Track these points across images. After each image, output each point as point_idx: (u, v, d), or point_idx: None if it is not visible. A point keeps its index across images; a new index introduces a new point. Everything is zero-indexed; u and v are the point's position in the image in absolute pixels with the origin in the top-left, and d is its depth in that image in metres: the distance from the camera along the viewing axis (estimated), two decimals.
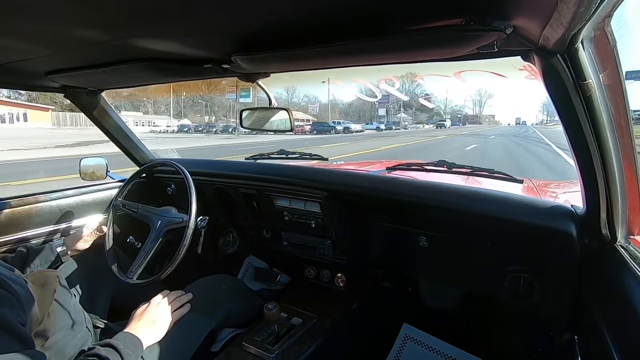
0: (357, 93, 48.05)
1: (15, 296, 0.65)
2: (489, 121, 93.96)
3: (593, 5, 0.40)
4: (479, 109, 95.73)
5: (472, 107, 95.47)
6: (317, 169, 1.46)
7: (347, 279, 1.38)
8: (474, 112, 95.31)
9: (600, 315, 0.70)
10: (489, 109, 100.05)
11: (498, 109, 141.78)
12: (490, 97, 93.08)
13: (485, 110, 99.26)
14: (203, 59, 0.84)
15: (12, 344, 0.58)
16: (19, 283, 0.69)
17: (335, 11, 0.55)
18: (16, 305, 0.65)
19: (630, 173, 0.67)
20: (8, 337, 0.58)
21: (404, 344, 1.31)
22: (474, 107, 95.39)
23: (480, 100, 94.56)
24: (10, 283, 0.66)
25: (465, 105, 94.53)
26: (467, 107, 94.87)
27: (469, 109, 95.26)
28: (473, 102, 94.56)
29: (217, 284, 1.19)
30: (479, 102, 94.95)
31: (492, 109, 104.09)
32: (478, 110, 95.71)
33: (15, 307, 0.64)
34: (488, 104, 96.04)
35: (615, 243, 0.75)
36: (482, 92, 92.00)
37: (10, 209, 1.23)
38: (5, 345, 0.56)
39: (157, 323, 0.92)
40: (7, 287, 0.65)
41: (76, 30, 0.62)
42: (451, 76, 1.59)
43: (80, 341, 0.86)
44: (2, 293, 0.63)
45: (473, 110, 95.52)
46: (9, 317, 0.60)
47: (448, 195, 1.04)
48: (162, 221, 1.19)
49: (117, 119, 1.48)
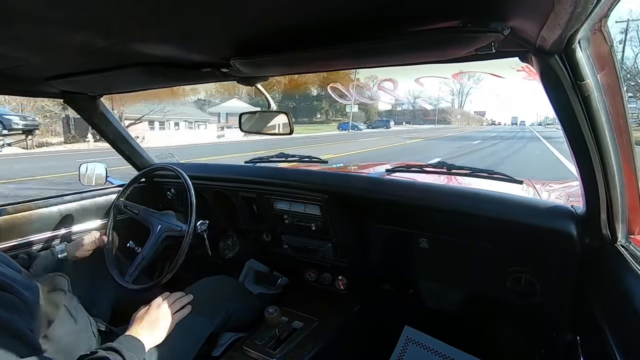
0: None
1: (25, 303, 0.66)
2: (469, 119, 75.18)
3: (589, 5, 0.40)
4: (462, 101, 75.53)
5: (451, 101, 75.31)
6: (316, 171, 1.46)
7: (348, 282, 1.38)
8: (455, 106, 74.71)
9: (602, 314, 0.70)
10: (478, 104, 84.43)
11: (486, 103, 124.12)
12: (478, 83, 66.80)
13: (469, 104, 79.53)
14: (202, 63, 0.84)
15: (22, 350, 0.58)
16: (30, 288, 0.70)
17: (333, 14, 0.55)
18: (25, 312, 0.65)
19: (629, 172, 0.67)
20: (18, 343, 0.58)
21: (406, 347, 1.30)
22: (452, 100, 75.45)
23: (461, 91, 73.19)
24: (21, 289, 0.66)
25: (442, 98, 72.87)
26: (444, 100, 73.84)
27: (447, 102, 74.15)
28: (452, 93, 74.31)
29: (218, 285, 1.18)
30: (460, 95, 74.46)
31: (481, 103, 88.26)
32: (458, 103, 75.26)
33: (24, 314, 0.65)
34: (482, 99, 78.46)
35: (616, 242, 0.75)
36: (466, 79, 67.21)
37: (11, 214, 1.23)
38: (15, 351, 0.57)
39: (158, 325, 0.91)
40: (17, 293, 0.65)
41: (76, 35, 0.62)
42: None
43: (86, 345, 0.86)
44: (12, 299, 0.63)
45: (452, 104, 74.97)
46: (19, 324, 0.60)
47: (448, 196, 1.04)
48: (162, 226, 1.19)
49: (117, 123, 1.48)
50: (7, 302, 0.62)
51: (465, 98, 76.98)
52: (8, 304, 0.62)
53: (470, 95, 77.68)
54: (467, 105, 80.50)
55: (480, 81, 55.71)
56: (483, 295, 1.19)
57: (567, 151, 0.71)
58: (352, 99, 36.75)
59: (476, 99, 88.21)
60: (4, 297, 0.62)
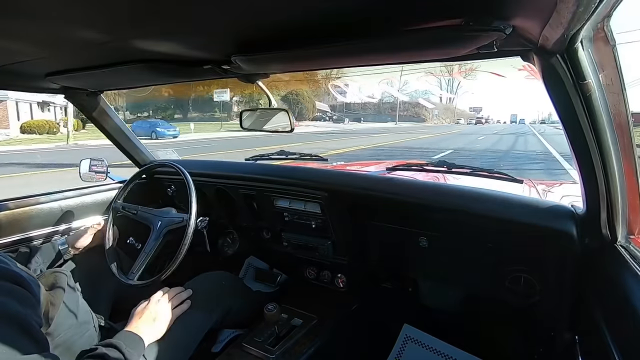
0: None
1: (35, 298, 0.66)
2: (454, 115, 63.97)
3: (592, 5, 0.40)
4: (450, 96, 64.50)
5: (439, 95, 63.61)
6: (317, 169, 1.46)
7: (347, 280, 1.38)
8: (444, 100, 64.23)
9: (601, 315, 0.70)
10: (475, 100, 71.05)
11: (483, 99, 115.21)
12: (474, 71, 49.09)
13: (458, 99, 68.12)
14: (203, 59, 0.84)
15: (30, 346, 0.58)
16: (36, 284, 0.70)
17: (335, 12, 0.55)
18: (36, 307, 0.66)
19: (630, 173, 0.67)
20: (27, 338, 0.58)
21: (405, 345, 1.30)
22: (441, 95, 64.12)
23: (449, 83, 61.48)
24: (31, 284, 0.66)
25: (429, 91, 62.92)
26: (431, 93, 63.09)
27: (435, 96, 62.74)
28: (439, 84, 61.97)
29: (217, 280, 1.18)
30: (449, 87, 62.66)
31: (477, 99, 75.42)
32: (447, 97, 64.41)
33: (35, 308, 0.65)
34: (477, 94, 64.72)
35: (616, 243, 0.75)
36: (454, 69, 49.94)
37: (11, 209, 1.23)
38: (24, 346, 0.57)
39: (157, 320, 0.92)
40: (29, 288, 0.65)
41: (76, 31, 0.62)
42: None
43: (87, 341, 0.86)
44: (25, 294, 0.63)
45: (441, 99, 63.86)
46: (30, 319, 0.60)
47: (448, 195, 1.04)
48: (162, 222, 1.19)
49: (117, 119, 1.48)
50: (22, 297, 0.62)
51: (455, 91, 64.82)
52: (23, 298, 0.63)
53: (461, 88, 66.06)
54: (459, 100, 70.94)
55: (472, 74, 49.60)
56: (482, 295, 1.19)
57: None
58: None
59: (469, 94, 75.65)
60: (19, 291, 0.62)
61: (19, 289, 0.63)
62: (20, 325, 0.58)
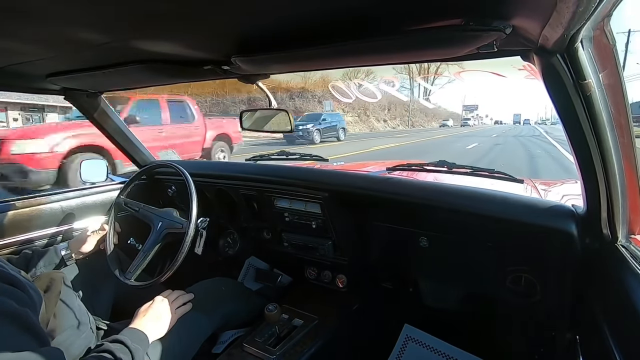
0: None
1: (31, 299, 0.66)
2: (434, 117, 47.67)
3: (592, 4, 0.40)
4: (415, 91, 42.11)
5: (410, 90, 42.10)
6: (317, 169, 1.46)
7: (348, 280, 1.38)
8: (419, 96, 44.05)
9: (602, 314, 0.70)
10: (470, 98, 59.66)
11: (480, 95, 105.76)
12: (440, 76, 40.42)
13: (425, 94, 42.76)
14: (203, 60, 0.84)
15: (32, 342, 0.59)
16: (31, 287, 0.70)
17: (334, 12, 0.55)
18: (32, 307, 0.66)
19: (630, 172, 0.67)
20: (28, 335, 0.59)
21: (405, 345, 1.30)
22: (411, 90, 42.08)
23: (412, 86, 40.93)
24: (27, 286, 0.67)
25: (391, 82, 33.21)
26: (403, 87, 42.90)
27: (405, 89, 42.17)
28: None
29: (216, 287, 1.20)
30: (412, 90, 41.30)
31: (472, 96, 64.11)
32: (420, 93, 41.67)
33: (32, 309, 0.65)
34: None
35: (616, 242, 0.74)
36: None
37: (13, 210, 1.23)
38: (26, 343, 0.57)
39: (161, 319, 0.94)
40: (24, 289, 0.66)
41: (76, 32, 0.62)
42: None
43: (85, 341, 0.87)
44: (20, 295, 0.64)
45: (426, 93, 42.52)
46: (31, 318, 0.61)
47: (448, 195, 1.04)
48: (162, 223, 1.19)
49: (118, 120, 1.48)
50: (19, 297, 0.63)
51: (428, 93, 43.78)
52: (20, 298, 0.63)
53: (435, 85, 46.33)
54: (443, 99, 55.21)
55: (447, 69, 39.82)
56: (483, 294, 1.19)
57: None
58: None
59: (452, 90, 64.96)
60: (16, 292, 0.63)
61: (14, 289, 0.63)
62: (20, 323, 0.58)
